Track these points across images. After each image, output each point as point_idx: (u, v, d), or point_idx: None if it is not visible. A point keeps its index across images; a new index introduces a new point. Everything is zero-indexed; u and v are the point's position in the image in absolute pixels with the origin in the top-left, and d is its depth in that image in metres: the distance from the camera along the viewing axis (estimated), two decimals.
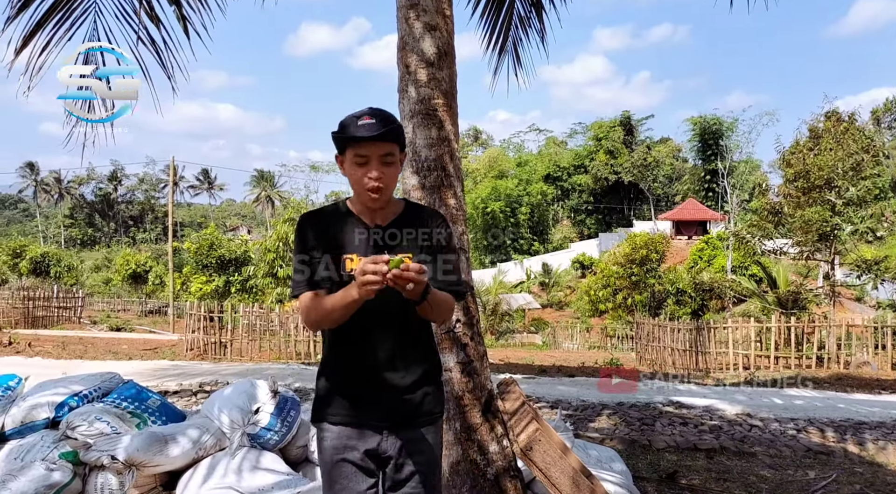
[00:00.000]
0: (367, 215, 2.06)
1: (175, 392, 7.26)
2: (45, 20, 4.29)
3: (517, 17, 5.92)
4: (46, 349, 13.63)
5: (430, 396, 2.13)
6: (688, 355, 16.19)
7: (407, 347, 2.08)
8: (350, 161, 1.98)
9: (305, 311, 2.02)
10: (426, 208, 2.20)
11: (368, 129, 1.92)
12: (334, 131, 1.99)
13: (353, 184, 2.01)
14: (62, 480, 3.46)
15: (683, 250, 42.46)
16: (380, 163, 1.95)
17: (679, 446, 5.68)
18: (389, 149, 1.96)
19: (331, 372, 2.12)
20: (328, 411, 2.10)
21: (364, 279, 1.75)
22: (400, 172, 2.05)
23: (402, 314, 2.04)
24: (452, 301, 2.04)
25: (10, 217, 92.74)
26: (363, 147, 1.93)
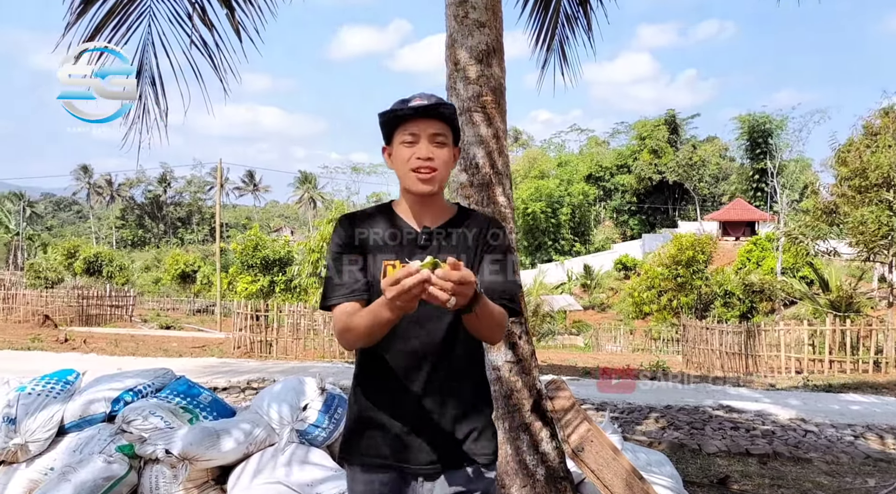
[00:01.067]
0: (415, 216, 1.82)
1: (224, 389, 7.40)
2: (102, 25, 4.42)
3: (564, 14, 5.87)
4: (100, 346, 14.08)
5: (479, 434, 1.82)
6: (737, 358, 15.81)
7: (453, 371, 1.80)
8: (398, 145, 1.77)
9: (339, 327, 1.73)
10: (481, 213, 1.93)
11: (419, 105, 1.73)
12: (381, 112, 1.80)
13: (399, 169, 1.78)
14: (119, 472, 3.54)
15: (731, 251, 41.52)
16: (430, 142, 1.74)
17: (730, 451, 5.55)
18: (441, 128, 1.75)
19: (360, 403, 1.84)
20: (355, 451, 1.82)
21: (392, 295, 1.42)
22: (453, 163, 1.81)
23: (449, 330, 1.78)
24: (505, 317, 1.75)
25: (64, 219, 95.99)
26: (412, 124, 1.74)
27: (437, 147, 1.75)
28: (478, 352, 1.86)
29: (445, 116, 1.76)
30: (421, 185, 1.75)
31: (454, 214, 1.86)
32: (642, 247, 48.94)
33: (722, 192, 62.89)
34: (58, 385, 4.06)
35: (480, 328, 1.67)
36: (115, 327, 21.99)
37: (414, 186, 1.76)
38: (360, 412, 1.82)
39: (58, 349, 13.16)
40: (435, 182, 1.75)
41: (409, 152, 1.74)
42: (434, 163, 1.74)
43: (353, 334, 1.68)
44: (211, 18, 4.64)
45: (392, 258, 1.68)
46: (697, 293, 25.45)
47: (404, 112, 1.74)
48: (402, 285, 1.39)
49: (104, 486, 3.48)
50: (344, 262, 1.78)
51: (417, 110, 1.73)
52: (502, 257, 1.83)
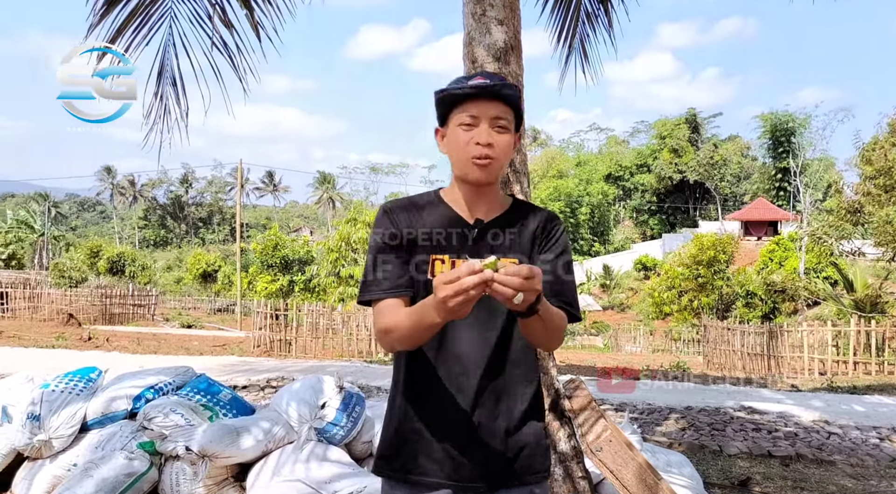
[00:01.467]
0: (466, 207, 1.64)
1: (244, 387, 7.46)
2: (124, 27, 4.46)
3: (584, 12, 5.83)
4: (123, 345, 14.27)
5: (533, 450, 1.66)
6: (759, 359, 15.63)
7: (507, 381, 1.62)
8: (454, 128, 1.58)
9: (379, 326, 1.58)
10: (538, 207, 1.74)
11: (478, 86, 1.55)
12: (437, 90, 1.62)
13: (454, 154, 1.60)
14: (140, 469, 3.58)
15: (752, 251, 41.04)
16: (491, 126, 1.55)
17: (752, 452, 5.48)
18: (503, 111, 1.56)
19: (403, 412, 1.66)
20: (398, 465, 1.65)
21: (445, 295, 1.25)
22: (513, 151, 1.62)
23: (503, 335, 1.62)
24: (565, 321, 1.57)
25: (88, 219, 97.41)
26: (472, 104, 1.56)
27: (499, 132, 1.57)
28: (533, 361, 1.69)
29: (509, 99, 1.57)
30: (478, 173, 1.57)
31: (509, 206, 1.70)
32: (662, 247, 48.57)
33: (744, 191, 62.22)
34: (81, 383, 4.11)
35: (540, 333, 1.49)
36: (137, 325, 22.27)
37: (471, 173, 1.58)
38: (404, 423, 1.65)
39: (81, 347, 13.36)
40: (493, 171, 1.58)
41: (468, 136, 1.56)
42: (494, 150, 1.56)
43: (395, 335, 1.52)
44: (231, 19, 4.67)
45: (441, 253, 1.60)
46: (719, 294, 25.20)
47: (464, 91, 1.56)
48: (461, 284, 1.23)
49: (126, 482, 3.53)
50: (386, 254, 1.61)
51: (479, 90, 1.55)
52: (561, 255, 1.67)
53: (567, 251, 1.70)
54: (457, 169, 1.61)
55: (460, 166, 1.60)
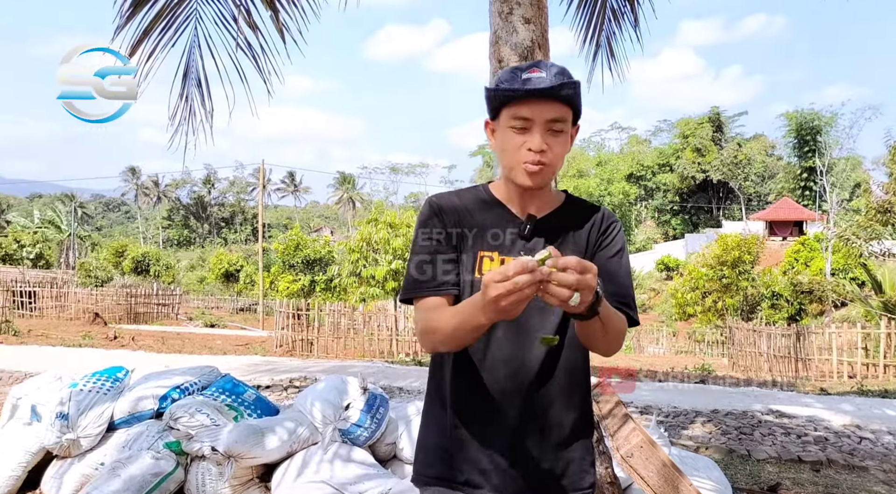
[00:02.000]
0: (517, 203, 1.54)
1: (267, 387, 7.50)
2: (150, 28, 4.49)
3: (610, 9, 5.77)
4: (148, 344, 14.43)
5: (579, 465, 1.57)
6: (786, 361, 15.39)
7: (558, 389, 1.53)
8: (505, 126, 1.47)
9: (421, 326, 1.48)
10: (593, 204, 1.63)
11: (535, 82, 1.41)
12: (489, 88, 1.50)
13: (504, 157, 1.50)
14: (167, 469, 3.60)
15: (777, 251, 40.47)
16: (545, 130, 1.43)
17: (781, 457, 5.38)
18: (560, 113, 1.43)
19: (445, 419, 1.56)
20: (439, 474, 1.56)
21: (497, 294, 1.15)
22: (570, 146, 1.50)
23: (555, 335, 1.49)
24: (625, 323, 1.45)
25: (113, 219, 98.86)
26: (525, 106, 1.42)
27: (553, 135, 1.45)
28: (586, 368, 1.60)
29: (567, 98, 1.44)
30: (528, 179, 1.46)
31: (562, 202, 1.59)
32: (685, 247, 48.10)
33: (768, 191, 61.47)
34: (108, 382, 4.15)
35: (599, 337, 1.37)
36: (161, 324, 22.53)
37: (520, 179, 1.47)
38: (446, 431, 1.55)
39: (107, 346, 13.54)
40: (546, 177, 1.47)
41: (519, 140, 1.45)
42: (547, 156, 1.44)
43: (437, 336, 1.42)
44: (255, 21, 4.69)
45: (489, 250, 1.51)
46: (743, 295, 24.87)
47: (517, 94, 1.43)
48: (514, 283, 1.13)
49: (152, 482, 3.55)
50: (431, 251, 1.52)
51: (533, 92, 1.41)
52: (618, 253, 1.55)
53: (625, 250, 1.58)
54: (506, 171, 1.51)
55: (510, 169, 1.49)
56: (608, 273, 1.50)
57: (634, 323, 1.51)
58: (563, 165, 14.60)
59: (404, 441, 4.03)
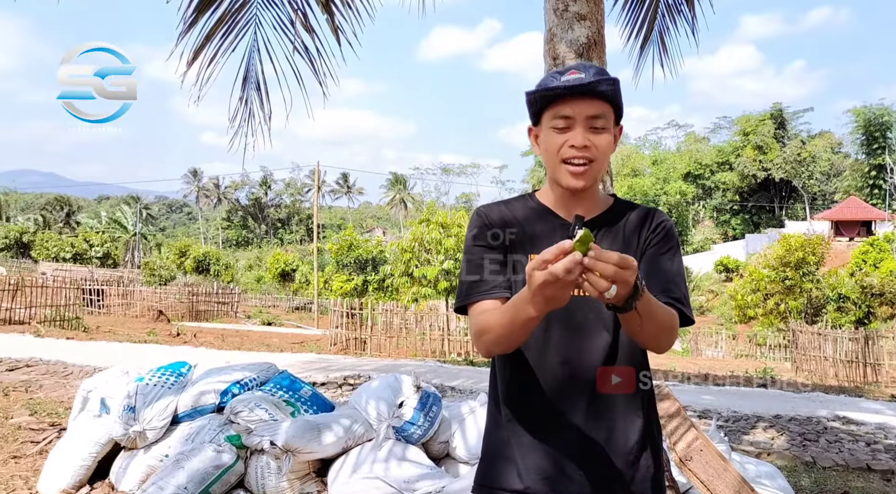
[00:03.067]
0: (564, 207, 1.54)
1: (322, 384, 7.62)
2: (212, 34, 4.63)
3: (664, 5, 5.66)
4: (209, 340, 14.86)
5: (648, 469, 1.51)
6: (854, 366, 14.77)
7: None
8: (547, 128, 1.47)
9: (475, 329, 1.46)
10: (642, 205, 1.61)
11: (573, 81, 1.43)
12: (529, 91, 1.51)
13: (548, 159, 1.50)
14: (228, 462, 3.69)
15: (844, 252, 38.91)
16: (586, 128, 1.43)
17: (848, 465, 5.16)
18: (600, 109, 1.43)
19: (509, 426, 1.53)
20: (506, 483, 1.51)
21: (539, 281, 1.16)
22: (614, 147, 1.50)
23: (614, 338, 1.49)
24: (675, 319, 1.40)
25: (176, 220, 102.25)
26: (565, 105, 1.43)
27: (595, 133, 1.44)
28: (646, 368, 1.57)
29: (606, 95, 1.43)
30: (573, 179, 1.45)
31: (610, 205, 1.59)
32: (745, 248, 46.70)
33: (834, 189, 59.19)
34: (172, 377, 4.28)
35: (644, 332, 1.35)
36: (221, 322, 23.15)
37: (564, 179, 1.47)
38: (505, 438, 1.53)
39: (170, 342, 14.00)
40: (590, 176, 1.46)
41: (561, 139, 1.44)
42: (590, 152, 1.44)
43: (490, 336, 1.40)
44: (312, 24, 4.78)
45: (539, 252, 1.46)
46: (807, 297, 23.98)
47: (556, 92, 1.43)
48: (554, 269, 1.14)
49: (214, 474, 3.64)
50: (482, 258, 1.53)
51: (572, 89, 1.41)
52: (669, 250, 1.53)
53: (676, 247, 1.55)
54: (551, 173, 1.51)
55: (554, 171, 1.49)
56: (659, 270, 1.49)
57: (688, 321, 1.48)
58: (617, 164, 14.32)
59: (457, 440, 4.04)
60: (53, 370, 7.85)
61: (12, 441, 4.95)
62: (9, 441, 4.95)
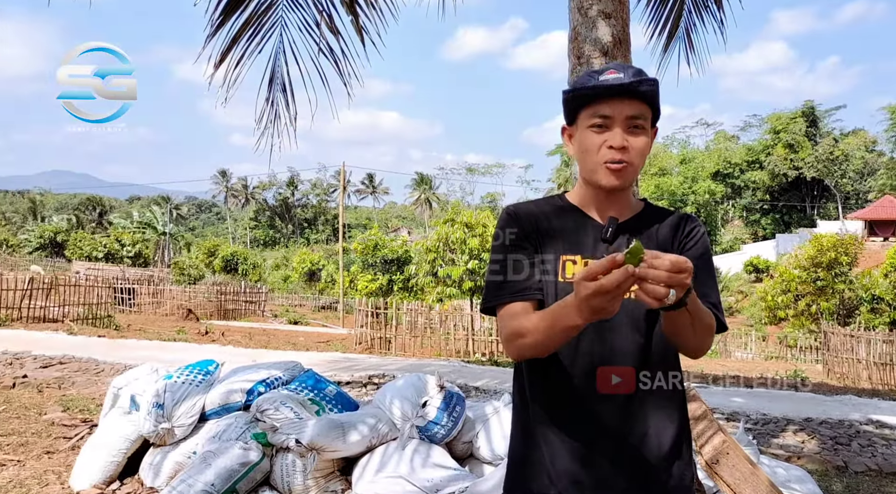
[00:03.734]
0: (596, 208, 1.52)
1: (347, 383, 7.66)
2: (239, 36, 4.68)
3: (690, 2, 5.59)
4: (237, 339, 15.05)
5: (683, 476, 1.48)
6: (888, 369, 14.45)
7: (653, 395, 1.45)
8: (584, 127, 1.46)
9: (507, 331, 1.43)
10: (673, 210, 1.61)
11: (613, 80, 1.42)
12: (566, 90, 1.51)
13: (584, 159, 1.47)
14: (254, 459, 3.74)
15: (878, 252, 38.02)
16: (625, 128, 1.42)
17: (882, 470, 5.04)
18: (640, 109, 1.42)
19: (526, 429, 1.52)
20: (523, 488, 1.50)
21: (588, 293, 1.12)
22: (649, 150, 1.49)
23: (647, 340, 1.45)
24: (714, 320, 1.38)
25: (205, 220, 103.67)
26: (604, 104, 1.42)
27: (634, 134, 1.43)
28: (678, 369, 1.53)
29: (646, 95, 1.43)
30: (611, 179, 1.44)
31: (641, 209, 1.57)
32: (776, 248, 45.91)
33: (868, 188, 57.89)
34: (200, 375, 4.35)
35: (688, 333, 1.31)
36: (248, 321, 23.41)
37: (603, 179, 1.45)
38: (534, 441, 1.49)
39: (199, 340, 14.19)
40: (628, 176, 1.45)
41: (599, 140, 1.43)
42: (628, 154, 1.42)
43: (527, 341, 1.36)
44: (337, 25, 4.80)
45: (571, 254, 1.48)
46: (840, 298, 23.50)
47: (596, 91, 1.43)
48: (606, 283, 1.10)
49: (241, 471, 3.69)
50: (511, 258, 1.49)
51: (611, 89, 1.41)
52: (702, 255, 1.49)
53: (708, 252, 1.53)
54: (586, 173, 1.49)
55: (591, 171, 1.47)
56: (695, 277, 1.40)
57: (723, 328, 1.45)
58: (645, 163, 14.19)
59: (481, 440, 4.03)
60: (85, 368, 8.01)
61: (45, 436, 5.07)
62: (42, 436, 5.06)
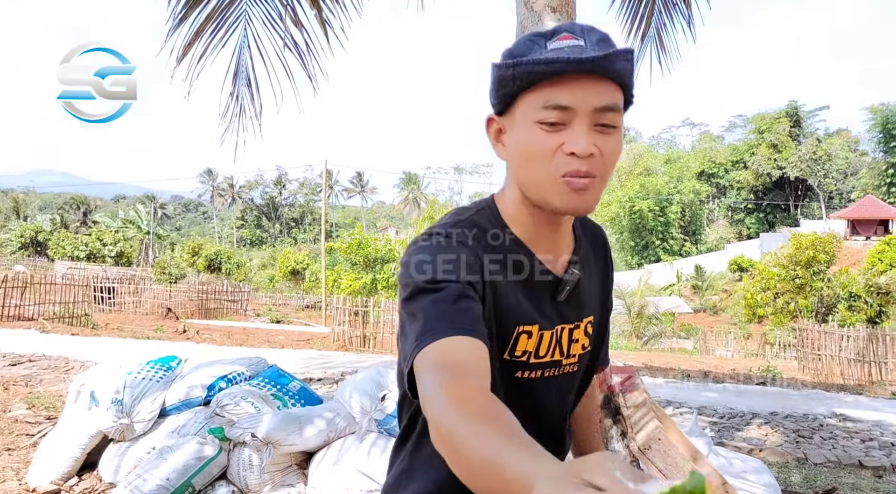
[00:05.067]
0: (539, 241, 1.07)
1: (319, 380, 7.67)
2: (202, 29, 4.66)
3: (661, 1, 5.62)
4: (213, 337, 15.00)
5: None
6: (859, 365, 14.63)
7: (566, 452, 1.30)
8: (526, 122, 0.97)
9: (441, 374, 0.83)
10: (591, 222, 1.23)
11: (571, 50, 0.93)
12: (500, 63, 0.97)
13: (528, 169, 0.98)
14: (210, 453, 3.74)
15: (860, 251, 38.51)
16: (591, 124, 0.94)
17: (840, 461, 5.12)
18: (612, 97, 0.94)
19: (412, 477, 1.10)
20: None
21: None
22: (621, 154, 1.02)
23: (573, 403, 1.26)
24: None
25: (191, 219, 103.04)
26: (561, 89, 0.92)
27: (603, 133, 0.95)
28: None
29: (621, 75, 0.95)
30: (573, 201, 0.96)
31: (573, 228, 1.14)
32: (760, 247, 46.30)
33: (851, 188, 58.56)
34: (161, 371, 4.34)
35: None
36: (230, 320, 23.31)
37: (559, 200, 0.97)
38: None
39: (175, 338, 14.13)
40: (596, 197, 0.98)
41: (553, 142, 0.94)
42: (597, 165, 0.95)
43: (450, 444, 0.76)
44: (301, 19, 4.80)
45: (525, 320, 1.05)
46: (818, 296, 23.75)
47: (551, 68, 0.91)
48: None
49: (197, 465, 3.69)
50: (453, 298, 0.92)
51: (571, 64, 0.90)
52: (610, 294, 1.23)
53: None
54: (531, 189, 1.00)
55: (538, 186, 0.98)
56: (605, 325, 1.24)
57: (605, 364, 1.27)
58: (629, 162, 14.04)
59: None
60: (55, 366, 7.96)
61: (8, 433, 5.03)
62: (4, 433, 5.03)
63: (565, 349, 1.12)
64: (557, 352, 1.10)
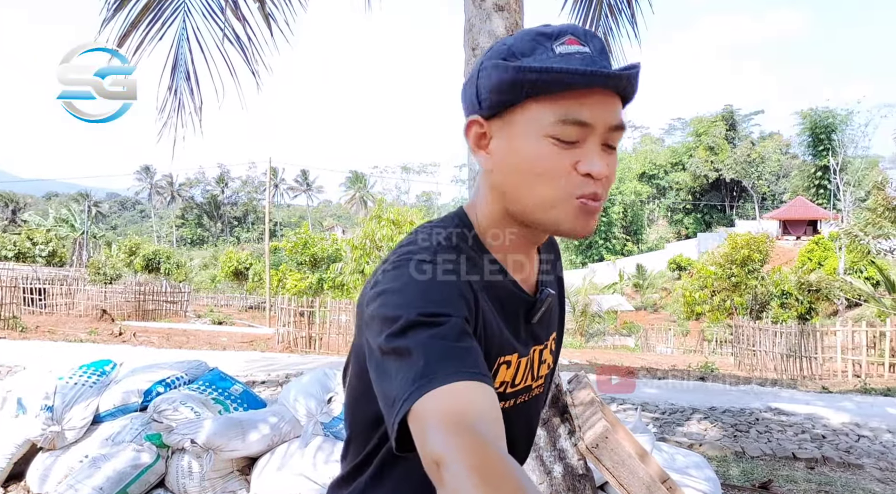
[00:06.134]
0: (518, 265, 1.02)
1: (262, 382, 7.50)
2: (138, 21, 4.49)
3: (607, 5, 5.71)
4: (150, 340, 14.51)
5: None
6: (791, 360, 15.25)
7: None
8: (534, 134, 0.88)
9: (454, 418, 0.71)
10: None
11: (584, 59, 0.86)
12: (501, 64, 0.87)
13: (532, 186, 0.90)
14: (147, 461, 3.60)
15: (791, 251, 40.17)
16: (602, 144, 0.90)
17: (776, 454, 5.30)
18: (621, 115, 0.91)
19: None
20: None
21: None
22: None
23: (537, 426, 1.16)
24: None
25: (128, 218, 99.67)
26: (581, 103, 0.86)
27: (609, 153, 0.91)
28: None
29: (629, 93, 0.90)
30: (585, 224, 0.91)
31: None
32: (698, 247, 47.80)
33: (783, 189, 61.02)
34: (94, 376, 4.16)
35: None
36: (169, 322, 22.64)
37: (569, 223, 0.91)
38: None
39: (110, 341, 13.62)
40: (598, 219, 0.95)
41: (567, 159, 0.88)
42: (605, 187, 0.91)
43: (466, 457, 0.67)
44: (243, 12, 4.68)
45: (509, 352, 0.98)
46: (753, 294, 24.68)
47: (572, 78, 0.84)
48: None
49: (132, 474, 3.55)
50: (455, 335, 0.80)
51: (604, 79, 0.84)
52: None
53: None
54: (538, 211, 0.91)
55: (550, 209, 0.90)
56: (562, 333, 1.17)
57: None
58: None
59: None
60: None
61: None
62: None
63: (535, 372, 1.05)
64: (529, 377, 1.03)
